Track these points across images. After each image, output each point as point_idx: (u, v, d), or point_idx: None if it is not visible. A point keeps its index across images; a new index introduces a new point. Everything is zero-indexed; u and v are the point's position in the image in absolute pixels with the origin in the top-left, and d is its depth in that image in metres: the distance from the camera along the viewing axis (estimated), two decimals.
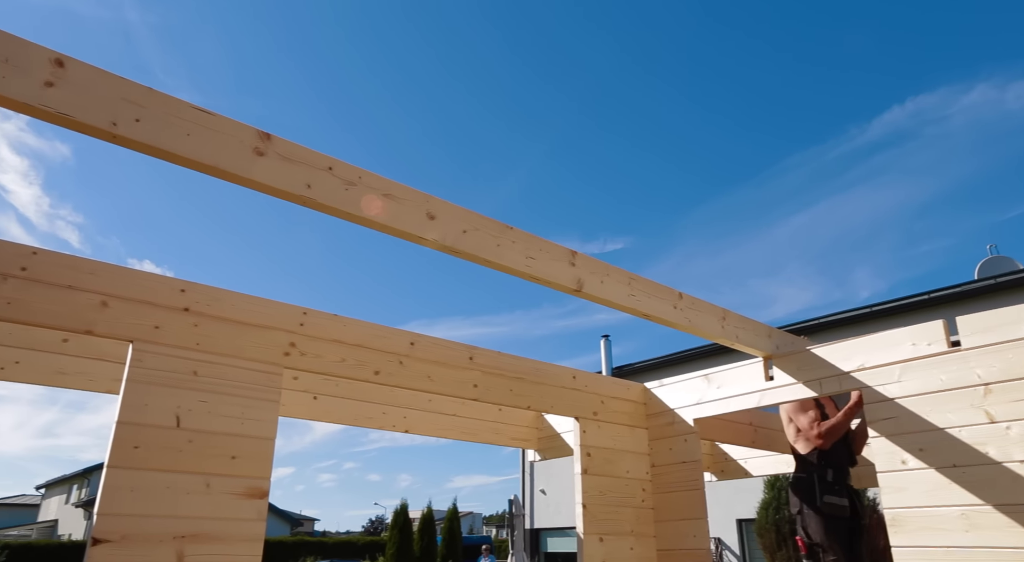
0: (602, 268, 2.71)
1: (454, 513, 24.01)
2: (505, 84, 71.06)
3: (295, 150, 1.99)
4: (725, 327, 3.10)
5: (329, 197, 2.00)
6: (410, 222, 2.16)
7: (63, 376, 2.97)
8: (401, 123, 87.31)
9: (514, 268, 2.40)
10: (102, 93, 1.68)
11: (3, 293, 2.08)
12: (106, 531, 2.02)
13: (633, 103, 56.07)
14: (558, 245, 2.59)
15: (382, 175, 2.18)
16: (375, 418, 3.76)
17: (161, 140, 1.74)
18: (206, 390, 2.30)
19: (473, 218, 2.34)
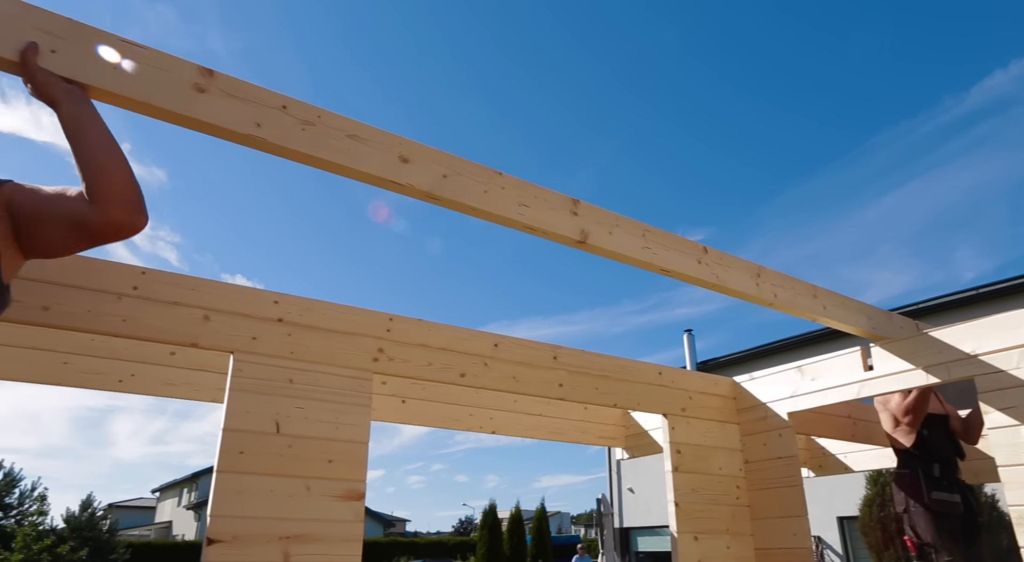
0: (610, 218, 2.47)
1: (542, 513, 24.05)
2: (580, 82, 70.61)
3: (242, 87, 1.82)
4: (760, 284, 2.86)
5: (282, 137, 1.84)
6: (380, 165, 1.99)
7: (172, 387, 3.17)
8: (476, 123, 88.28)
9: (505, 216, 2.21)
10: (15, 21, 1.52)
11: (118, 311, 2.23)
12: (219, 532, 2.13)
13: (702, 100, 54.60)
14: (557, 192, 2.36)
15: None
16: (462, 420, 3.81)
17: (86, 74, 1.58)
18: (302, 397, 2.39)
19: (455, 162, 2.15)
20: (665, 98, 63.04)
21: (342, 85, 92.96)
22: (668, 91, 59.71)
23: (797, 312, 2.97)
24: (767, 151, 55.57)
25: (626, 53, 58.98)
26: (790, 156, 55.42)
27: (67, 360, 2.95)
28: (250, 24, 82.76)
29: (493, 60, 79.08)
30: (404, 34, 74.75)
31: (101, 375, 3.04)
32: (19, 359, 2.91)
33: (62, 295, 2.17)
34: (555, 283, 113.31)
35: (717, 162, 58.52)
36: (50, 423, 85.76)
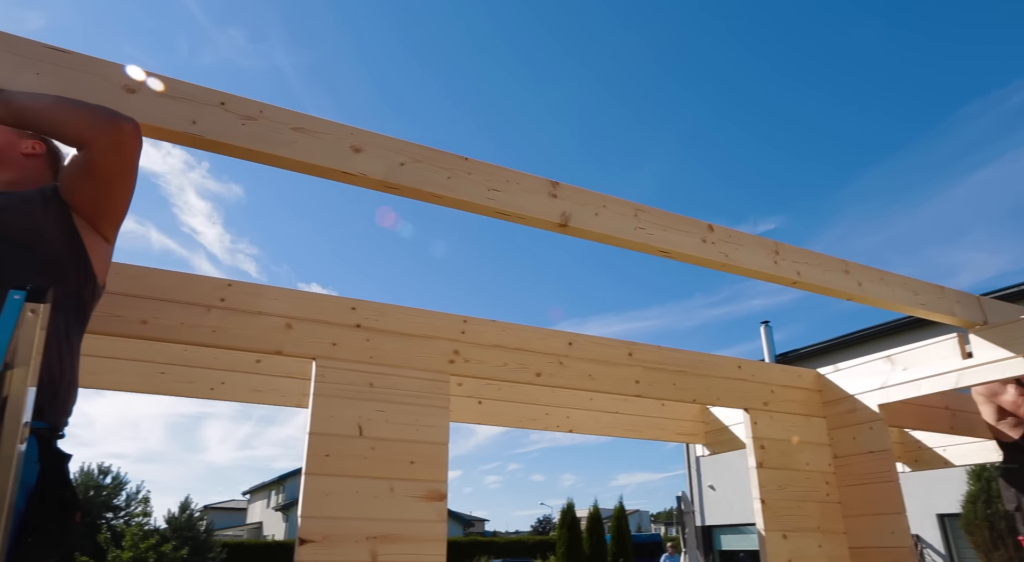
0: (596, 199, 2.34)
1: (621, 511, 23.80)
2: (637, 80, 69.73)
3: (177, 86, 1.82)
4: (779, 262, 2.67)
5: (220, 133, 1.81)
6: (330, 156, 1.94)
7: (259, 393, 3.30)
8: (538, 120, 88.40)
9: (472, 202, 2.11)
10: None
11: (208, 322, 2.34)
12: (310, 532, 2.21)
13: (756, 93, 52.74)
14: (533, 175, 2.25)
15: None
16: (539, 419, 3.82)
17: (8, 80, 1.60)
18: (382, 400, 2.45)
19: (413, 149, 2.07)
20: (719, 93, 61.49)
21: (408, 93, 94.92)
22: (721, 86, 58.18)
23: (825, 290, 2.78)
24: (835, 138, 53.31)
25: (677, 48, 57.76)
26: (863, 140, 52.96)
27: (164, 370, 3.12)
28: (315, 40, 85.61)
29: (553, 56, 79.05)
30: (467, 37, 75.71)
31: (194, 384, 3.21)
32: (121, 370, 3.10)
33: (158, 309, 2.30)
34: (624, 279, 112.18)
35: (782, 154, 56.62)
36: (148, 430, 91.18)
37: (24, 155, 1.62)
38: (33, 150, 1.64)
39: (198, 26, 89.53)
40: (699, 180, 78.36)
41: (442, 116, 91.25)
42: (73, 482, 1.39)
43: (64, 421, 1.40)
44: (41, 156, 1.64)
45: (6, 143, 1.61)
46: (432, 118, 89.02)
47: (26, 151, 1.63)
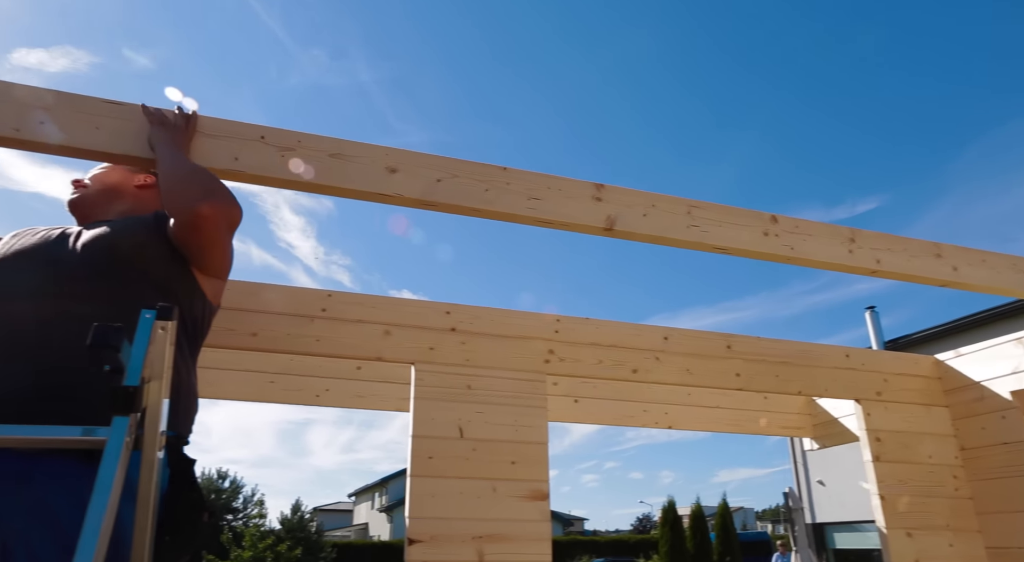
0: (644, 199, 2.28)
1: (725, 508, 23.11)
2: (714, 76, 67.67)
3: (220, 124, 1.91)
4: (855, 250, 2.48)
5: (261, 167, 1.89)
6: (367, 180, 1.98)
7: (361, 398, 3.42)
8: (628, 120, 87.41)
9: (513, 213, 2.11)
10: (8, 104, 1.75)
11: (312, 332, 2.45)
12: (418, 532, 2.26)
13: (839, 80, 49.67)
14: (576, 180, 2.22)
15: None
16: (636, 416, 3.76)
17: (75, 138, 1.78)
18: (480, 402, 2.48)
19: (449, 164, 2.08)
20: (802, 82, 58.58)
21: (493, 95, 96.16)
22: (804, 74, 55.42)
23: (912, 278, 2.58)
24: (932, 115, 49.62)
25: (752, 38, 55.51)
26: (965, 115, 49.07)
27: (273, 379, 3.29)
28: (395, 52, 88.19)
29: (635, 51, 78.00)
30: (552, 36, 75.94)
31: (301, 391, 3.36)
32: (234, 380, 3.29)
33: (266, 322, 2.42)
34: (715, 270, 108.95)
35: (873, 137, 53.37)
36: (260, 436, 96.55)
37: (137, 187, 1.76)
38: (145, 182, 1.78)
39: (284, 49, 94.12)
40: (784, 169, 75.39)
41: (530, 118, 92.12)
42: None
43: (188, 429, 1.50)
44: (153, 186, 1.78)
45: (121, 178, 1.77)
46: (521, 120, 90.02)
47: (139, 183, 1.77)
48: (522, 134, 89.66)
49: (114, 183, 1.75)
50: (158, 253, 1.51)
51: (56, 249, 1.48)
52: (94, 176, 1.77)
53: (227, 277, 1.66)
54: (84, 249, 1.47)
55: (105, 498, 1.01)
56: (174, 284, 1.51)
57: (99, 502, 1.01)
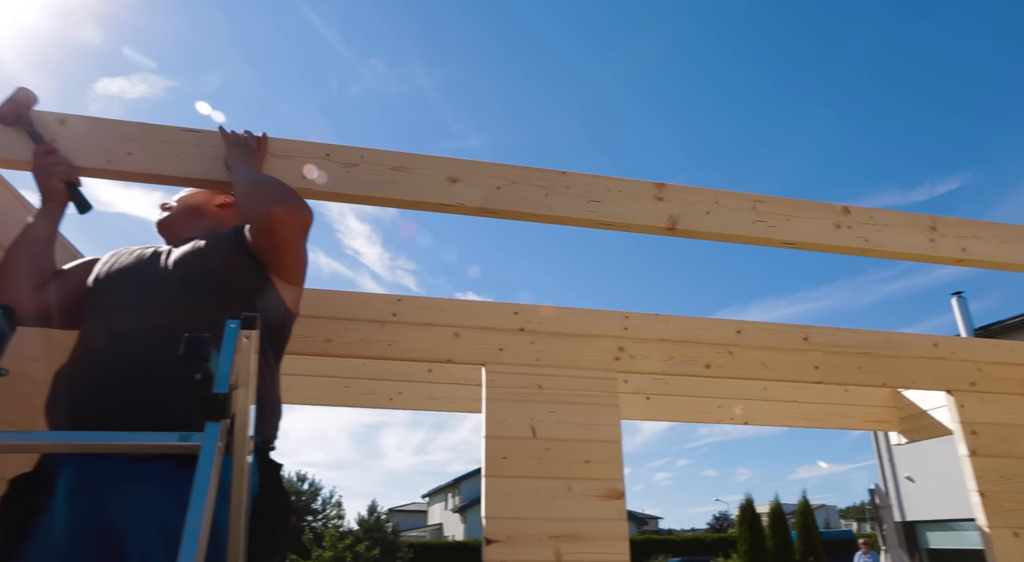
0: (707, 196, 2.24)
1: (805, 506, 22.31)
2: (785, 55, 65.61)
3: (288, 145, 2.00)
4: (937, 239, 2.34)
5: (327, 184, 1.98)
6: (428, 191, 2.04)
7: (433, 401, 3.48)
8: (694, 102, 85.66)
9: (573, 217, 2.12)
10: (95, 140, 1.87)
11: (383, 336, 2.50)
12: (495, 532, 2.28)
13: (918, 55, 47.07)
14: (634, 180, 2.21)
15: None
16: (710, 412, 3.68)
17: (158, 165, 1.90)
18: (552, 401, 2.47)
19: (508, 171, 2.12)
20: (876, 59, 55.89)
21: (551, 92, 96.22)
22: (879, 50, 52.79)
23: (1002, 265, 2.43)
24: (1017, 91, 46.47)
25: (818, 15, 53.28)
26: None
27: (348, 384, 3.38)
28: (448, 57, 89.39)
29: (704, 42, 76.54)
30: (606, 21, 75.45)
31: (375, 395, 3.44)
32: (310, 386, 3.39)
33: (340, 328, 2.49)
34: (784, 260, 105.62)
35: (953, 115, 50.44)
36: (335, 439, 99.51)
37: (218, 206, 1.87)
38: (225, 201, 1.89)
39: (344, 62, 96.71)
40: (855, 152, 72.34)
41: (590, 115, 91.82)
42: None
43: (273, 434, 1.56)
44: (232, 205, 1.88)
45: (204, 199, 1.88)
46: (580, 117, 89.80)
47: (219, 203, 1.88)
48: (581, 132, 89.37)
49: (197, 204, 1.85)
50: (239, 264, 1.58)
51: (149, 266, 1.58)
52: (180, 198, 1.89)
53: (303, 283, 1.72)
54: (174, 265, 1.56)
55: (202, 501, 1.06)
56: (256, 293, 1.58)
57: (197, 505, 1.05)
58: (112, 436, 1.22)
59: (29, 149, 1.77)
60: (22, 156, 1.78)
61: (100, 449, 1.22)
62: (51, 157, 1.74)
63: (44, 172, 1.71)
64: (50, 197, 1.71)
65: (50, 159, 1.73)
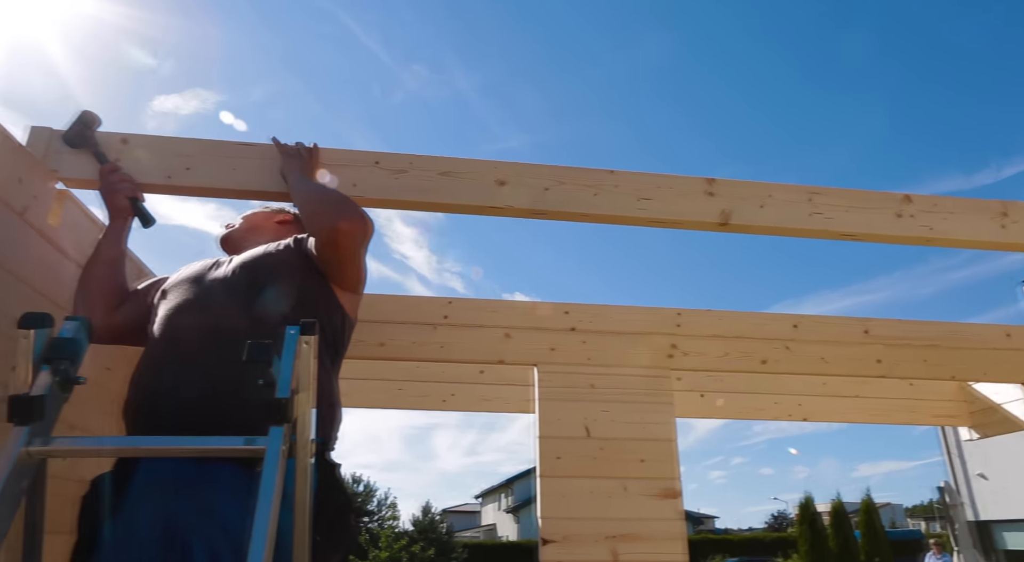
0: (759, 190, 2.19)
1: (869, 504, 21.58)
2: (829, 51, 63.86)
3: (340, 154, 2.04)
4: (1008, 225, 2.23)
5: (377, 190, 2.01)
6: (476, 194, 2.05)
7: (485, 402, 3.50)
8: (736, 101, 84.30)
9: (623, 215, 2.11)
10: (155, 157, 1.95)
11: (435, 339, 2.53)
12: (551, 532, 2.27)
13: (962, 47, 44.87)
14: (684, 176, 2.18)
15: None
16: (766, 409, 3.60)
17: (216, 179, 1.97)
18: (605, 400, 2.46)
19: (556, 172, 2.12)
20: (923, 52, 53.66)
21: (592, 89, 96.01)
22: (924, 44, 50.68)
23: None
24: None
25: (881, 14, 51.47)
26: None
27: (401, 387, 3.43)
28: (487, 58, 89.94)
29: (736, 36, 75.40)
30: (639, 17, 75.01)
31: (427, 397, 3.48)
32: (365, 389, 3.45)
33: (392, 331, 2.53)
34: (838, 252, 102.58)
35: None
36: (388, 442, 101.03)
37: (277, 223, 1.94)
38: (283, 219, 1.97)
39: (386, 69, 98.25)
40: (911, 140, 69.72)
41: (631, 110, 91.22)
42: None
43: (332, 436, 1.59)
44: (291, 222, 1.96)
45: (264, 217, 1.96)
46: (621, 114, 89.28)
47: (278, 220, 1.97)
48: (622, 130, 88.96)
49: (258, 221, 1.95)
50: (297, 271, 1.63)
51: (212, 274, 1.65)
52: (243, 216, 1.98)
53: (362, 291, 1.76)
54: (234, 272, 1.62)
55: (268, 503, 1.09)
56: (313, 299, 1.63)
57: (264, 507, 1.08)
58: (181, 440, 1.27)
59: (95, 169, 1.85)
60: (90, 176, 1.86)
61: (170, 454, 1.27)
62: (115, 175, 1.82)
63: (110, 190, 1.80)
64: (116, 214, 1.79)
65: (115, 177, 1.82)
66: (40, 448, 1.15)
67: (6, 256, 1.59)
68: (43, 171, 1.79)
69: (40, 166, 1.78)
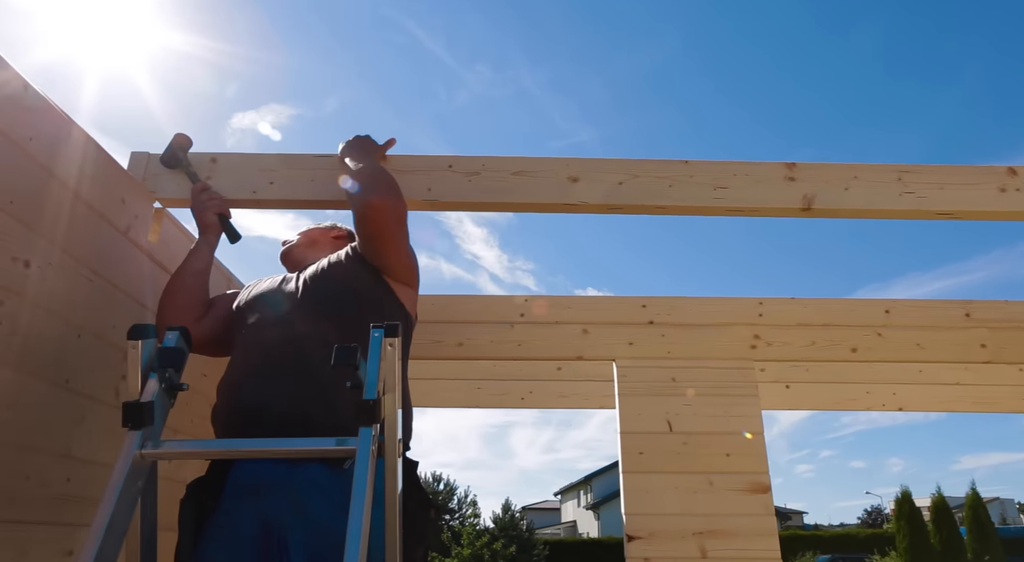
0: (843, 172, 2.09)
1: (976, 499, 20.26)
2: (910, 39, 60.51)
3: (413, 160, 2.07)
4: None
5: (451, 193, 2.03)
6: (550, 192, 2.05)
7: (564, 398, 3.49)
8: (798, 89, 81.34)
9: (698, 205, 2.06)
10: (241, 174, 2.05)
11: (513, 337, 2.55)
12: (636, 529, 2.25)
13: None
14: (763, 163, 2.11)
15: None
16: (858, 399, 3.44)
17: (297, 191, 2.05)
18: (687, 394, 2.41)
19: (630, 166, 2.08)
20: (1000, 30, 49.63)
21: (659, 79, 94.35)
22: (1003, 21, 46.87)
23: None
24: None
25: None
26: None
27: (479, 386, 3.47)
28: (551, 54, 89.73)
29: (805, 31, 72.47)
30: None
31: (506, 395, 3.50)
32: (444, 389, 3.51)
33: (470, 331, 2.56)
34: (926, 231, 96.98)
35: None
36: (466, 440, 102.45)
37: (334, 238, 2.01)
38: (339, 234, 2.03)
39: (450, 71, 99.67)
40: (993, 117, 64.84)
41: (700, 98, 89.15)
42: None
43: (408, 435, 1.63)
44: (344, 237, 2.03)
45: (321, 233, 2.03)
46: (689, 101, 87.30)
47: (334, 235, 2.04)
48: (694, 115, 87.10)
49: (315, 237, 2.02)
50: (361, 275, 1.70)
51: (285, 288, 1.74)
52: (300, 233, 2.05)
53: (417, 285, 1.81)
54: (304, 285, 1.70)
55: (362, 501, 1.12)
56: (379, 301, 1.69)
57: (357, 505, 1.12)
58: (280, 442, 1.32)
59: (188, 188, 1.96)
60: (183, 195, 1.97)
61: (270, 455, 1.33)
62: (206, 194, 1.93)
63: (200, 207, 1.90)
64: (205, 229, 1.90)
65: (205, 196, 1.92)
66: (152, 451, 1.22)
67: (112, 272, 1.70)
68: (143, 192, 1.90)
69: (140, 187, 1.90)
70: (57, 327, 1.49)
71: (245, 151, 2.15)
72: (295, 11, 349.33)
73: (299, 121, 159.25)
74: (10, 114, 1.35)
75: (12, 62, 1.36)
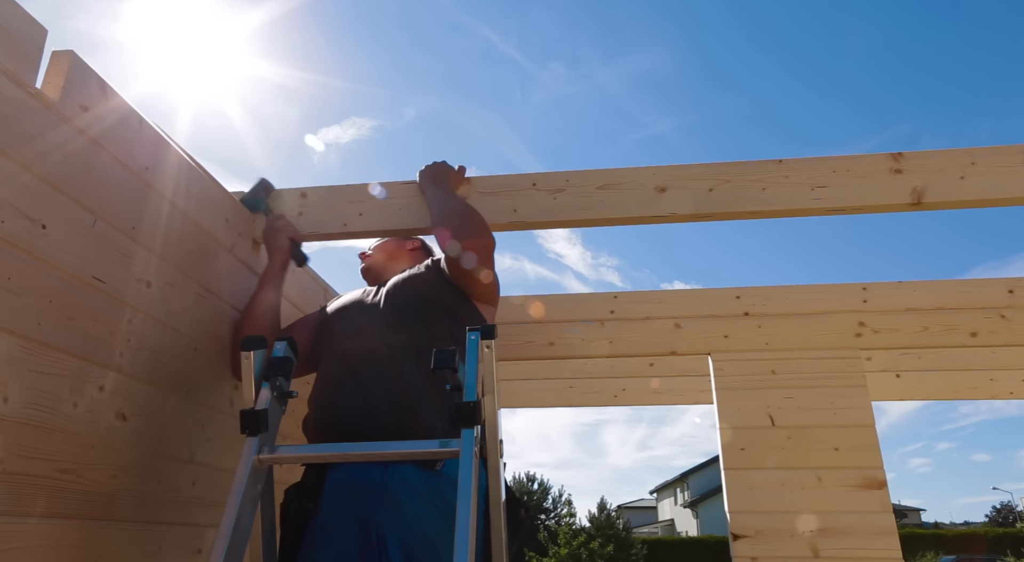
0: (959, 158, 1.90)
1: None
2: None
3: (496, 181, 2.05)
4: None
5: (536, 213, 1.99)
6: (637, 205, 1.98)
7: (657, 395, 3.43)
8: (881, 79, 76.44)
9: (795, 207, 1.94)
10: (331, 206, 2.10)
11: (603, 335, 2.53)
12: (741, 527, 2.18)
13: None
14: (865, 156, 1.96)
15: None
16: (980, 387, 3.20)
17: (385, 221, 2.06)
18: (788, 386, 2.32)
19: (719, 170, 1.98)
20: None
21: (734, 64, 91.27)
22: None
23: None
24: None
25: None
26: None
27: (571, 385, 3.46)
28: (624, 46, 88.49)
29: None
30: None
31: (598, 393, 3.48)
32: (536, 389, 3.52)
33: (560, 330, 2.56)
34: None
35: None
36: (558, 440, 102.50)
37: (409, 250, 2.07)
38: (414, 246, 2.12)
39: (524, 71, 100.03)
40: None
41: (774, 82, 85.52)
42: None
43: None
44: (419, 249, 2.11)
45: (397, 245, 2.11)
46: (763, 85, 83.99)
47: (410, 247, 2.12)
48: (772, 99, 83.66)
49: (391, 250, 2.10)
50: (441, 288, 1.77)
51: (370, 300, 1.83)
52: (375, 247, 2.12)
53: (497, 302, 1.86)
54: (387, 297, 1.79)
55: (468, 502, 1.15)
56: (458, 312, 1.74)
57: (464, 506, 1.14)
58: (386, 445, 1.37)
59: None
60: None
61: (378, 458, 1.38)
62: (280, 221, 2.02)
63: (273, 231, 1.99)
64: (276, 252, 1.97)
65: (279, 223, 2.01)
66: (268, 456, 1.29)
67: (220, 287, 1.81)
68: (243, 210, 2.01)
69: (240, 206, 2.01)
70: (177, 342, 1.60)
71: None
72: (374, 24, 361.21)
73: (380, 132, 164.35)
74: (128, 146, 1.47)
75: (124, 95, 1.48)
